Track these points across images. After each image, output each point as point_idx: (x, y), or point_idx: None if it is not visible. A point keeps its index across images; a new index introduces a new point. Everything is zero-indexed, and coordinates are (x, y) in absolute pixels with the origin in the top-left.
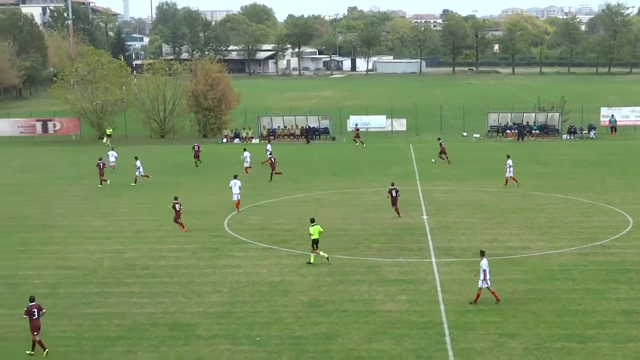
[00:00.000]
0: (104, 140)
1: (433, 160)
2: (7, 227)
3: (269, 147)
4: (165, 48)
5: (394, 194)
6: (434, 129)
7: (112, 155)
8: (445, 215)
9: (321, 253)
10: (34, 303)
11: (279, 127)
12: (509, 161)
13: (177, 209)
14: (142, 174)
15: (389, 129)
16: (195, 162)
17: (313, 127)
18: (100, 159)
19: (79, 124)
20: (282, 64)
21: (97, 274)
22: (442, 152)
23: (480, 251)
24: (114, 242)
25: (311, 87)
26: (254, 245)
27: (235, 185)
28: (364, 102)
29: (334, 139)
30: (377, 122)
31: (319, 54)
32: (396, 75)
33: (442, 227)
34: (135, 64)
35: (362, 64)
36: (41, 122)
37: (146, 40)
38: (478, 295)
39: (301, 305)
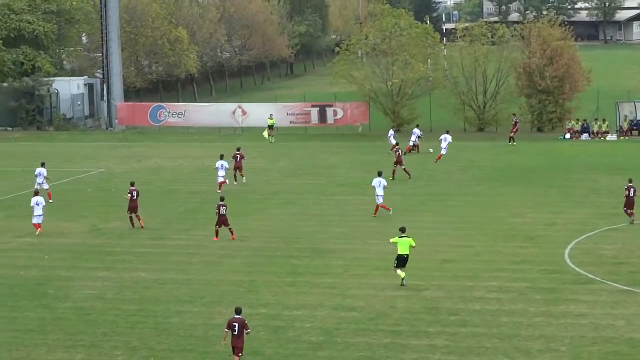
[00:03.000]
0: (266, 135)
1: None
2: (272, 249)
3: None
4: (488, 6)
5: (630, 194)
6: None
7: (414, 135)
8: None
9: (398, 272)
10: (239, 316)
11: None
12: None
13: (221, 212)
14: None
15: None
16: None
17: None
18: (238, 149)
19: (367, 111)
20: None
21: (387, 319)
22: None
23: None
24: (411, 274)
25: None
26: (607, 286)
27: (380, 185)
28: None
29: None
30: None
31: None
32: None
33: None
34: (446, 29)
35: None
36: (318, 109)
37: None
38: None
39: None
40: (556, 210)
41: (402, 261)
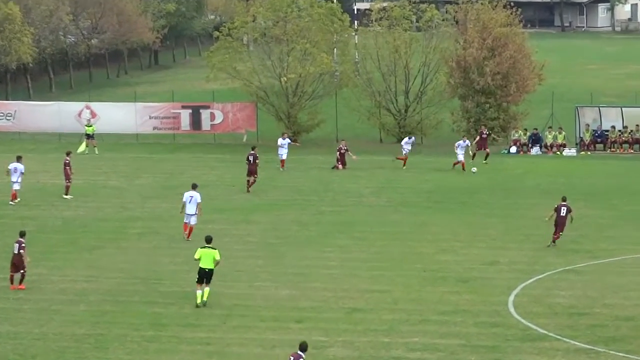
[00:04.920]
0: (83, 148)
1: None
2: (128, 293)
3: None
4: None
5: (562, 213)
6: None
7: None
8: None
9: (206, 289)
10: (300, 353)
11: (613, 127)
12: None
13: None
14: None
15: None
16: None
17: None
18: (68, 153)
19: (254, 114)
20: (623, 11)
21: None
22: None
23: None
24: (310, 327)
25: None
26: (563, 343)
27: (192, 200)
28: None
29: None
30: None
31: None
32: None
33: None
34: (358, 10)
35: None
36: (190, 111)
37: None
38: None
39: None
40: (498, 246)
41: (202, 276)
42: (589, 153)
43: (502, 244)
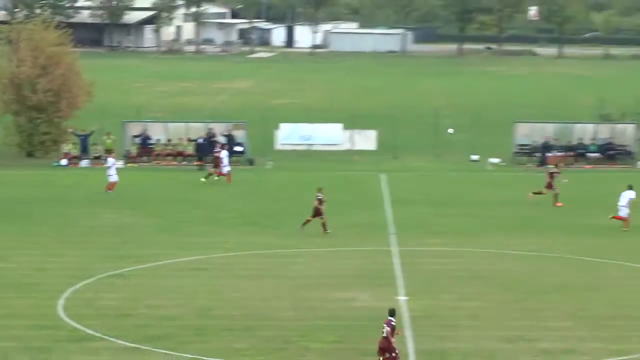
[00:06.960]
0: None
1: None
2: None
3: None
4: None
5: (315, 204)
6: (424, 148)
7: None
8: (437, 297)
9: None
10: (390, 318)
11: (159, 140)
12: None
13: None
14: None
15: (348, 146)
16: None
17: (216, 141)
18: None
19: None
20: (168, 33)
21: None
22: None
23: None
24: None
25: (217, 74)
26: (110, 343)
27: None
28: (306, 100)
29: (251, 162)
30: (327, 135)
31: (232, 18)
32: (363, 56)
33: (432, 316)
34: None
35: (304, 36)
36: None
37: None
38: None
39: None
40: (50, 253)
41: None
42: (135, 165)
43: (54, 251)
